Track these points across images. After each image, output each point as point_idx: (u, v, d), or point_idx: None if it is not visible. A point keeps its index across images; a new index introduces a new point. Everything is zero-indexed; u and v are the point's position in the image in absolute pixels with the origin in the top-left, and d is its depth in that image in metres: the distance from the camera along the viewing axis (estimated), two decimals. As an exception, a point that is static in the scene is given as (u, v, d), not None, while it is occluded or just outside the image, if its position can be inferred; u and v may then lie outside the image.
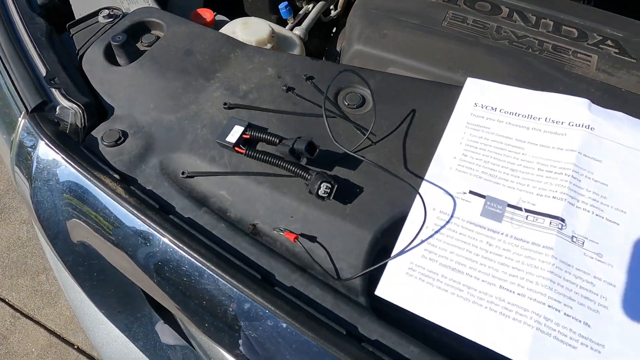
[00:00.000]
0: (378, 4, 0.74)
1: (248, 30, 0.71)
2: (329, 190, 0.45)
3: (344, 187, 0.49)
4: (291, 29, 0.95)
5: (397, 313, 0.43)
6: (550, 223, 0.43)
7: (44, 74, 0.57)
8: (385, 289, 0.43)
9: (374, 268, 0.44)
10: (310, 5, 1.02)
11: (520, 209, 0.45)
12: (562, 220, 0.43)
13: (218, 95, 0.58)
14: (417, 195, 0.47)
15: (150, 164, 0.52)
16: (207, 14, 0.85)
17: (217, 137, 0.52)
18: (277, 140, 0.49)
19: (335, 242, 0.47)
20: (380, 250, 0.48)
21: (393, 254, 0.45)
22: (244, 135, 0.51)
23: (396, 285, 0.43)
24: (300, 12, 1.00)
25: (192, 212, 0.48)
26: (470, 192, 0.47)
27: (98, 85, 0.60)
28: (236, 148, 0.51)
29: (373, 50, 0.68)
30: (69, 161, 0.49)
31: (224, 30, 0.77)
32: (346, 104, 0.58)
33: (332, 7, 1.06)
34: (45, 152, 0.51)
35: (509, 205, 0.46)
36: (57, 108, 0.55)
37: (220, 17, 0.89)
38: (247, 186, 0.51)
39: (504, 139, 0.51)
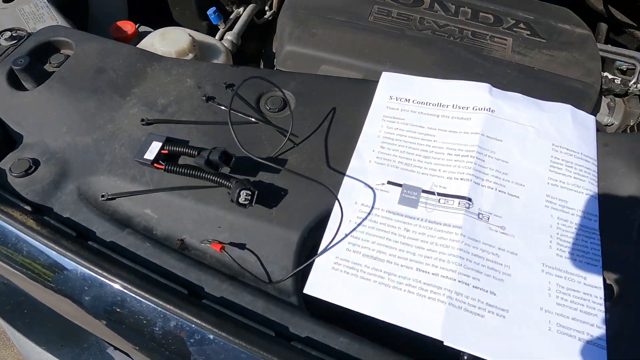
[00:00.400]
0: (306, 3, 0.75)
1: (166, 41, 0.70)
2: (249, 197, 0.45)
3: (268, 191, 0.50)
4: (222, 35, 0.94)
5: (331, 308, 0.45)
6: (459, 203, 0.46)
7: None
8: (314, 287, 0.44)
9: (302, 268, 0.46)
10: (241, 9, 1.01)
11: (433, 193, 0.48)
12: (469, 199, 0.47)
13: (135, 112, 0.57)
14: (338, 192, 0.49)
15: (67, 190, 0.50)
16: (128, 26, 0.82)
17: (135, 155, 0.51)
18: (196, 153, 0.49)
19: (264, 246, 0.48)
20: (310, 248, 0.49)
21: (319, 251, 0.46)
22: (162, 151, 0.50)
23: (323, 281, 0.44)
24: (231, 17, 0.99)
25: (115, 235, 0.47)
26: (389, 182, 0.50)
27: (3, 114, 0.56)
28: (155, 164, 0.50)
29: (304, 50, 0.70)
30: (-27, 199, 0.47)
31: (143, 43, 0.75)
32: (268, 108, 0.58)
33: (267, 7, 1.06)
34: (-53, 191, 0.48)
35: (424, 191, 0.49)
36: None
37: (144, 28, 0.86)
38: (171, 202, 0.51)
39: (417, 128, 0.54)
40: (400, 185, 0.49)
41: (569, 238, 0.44)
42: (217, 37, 0.93)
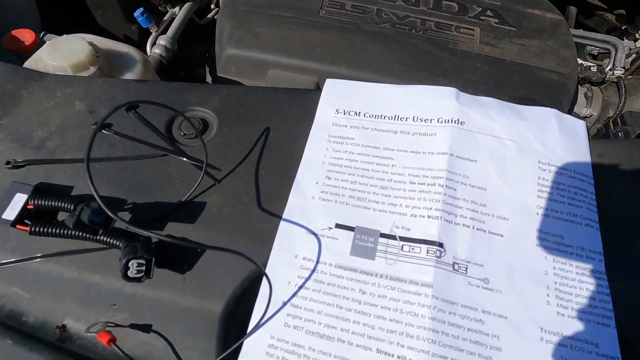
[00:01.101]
0: None
1: (58, 53, 0.55)
2: (143, 268, 0.33)
3: (179, 249, 0.38)
4: (155, 40, 0.80)
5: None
6: (428, 251, 0.35)
7: None
8: (240, 383, 0.32)
9: (226, 354, 0.34)
10: (177, 9, 0.88)
11: (394, 237, 0.37)
12: (440, 244, 0.36)
13: (1, 151, 0.43)
14: (273, 242, 0.37)
15: None
16: (27, 35, 0.67)
17: (-8, 214, 0.37)
18: (72, 206, 0.36)
19: (177, 326, 0.36)
20: (241, 322, 0.37)
21: (249, 330, 0.34)
22: (28, 206, 0.37)
23: (254, 374, 0.32)
24: (165, 18, 0.85)
25: (-42, 333, 0.34)
26: (337, 225, 0.38)
27: None
28: (18, 226, 0.36)
29: (248, 53, 0.59)
30: None
31: (33, 58, 0.60)
32: (182, 134, 0.46)
33: (212, 5, 0.93)
34: None
35: (382, 235, 0.37)
36: None
37: (51, 36, 0.71)
38: (48, 273, 0.37)
39: (371, 150, 0.43)
40: (352, 229, 0.38)
41: (570, 288, 0.34)
42: (148, 42, 0.80)
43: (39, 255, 0.37)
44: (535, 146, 0.41)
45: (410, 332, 0.32)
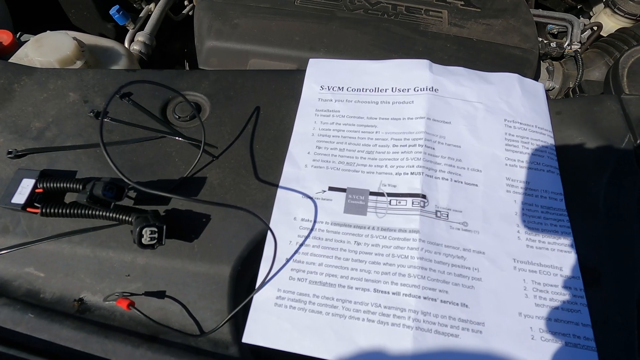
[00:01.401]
0: None
1: (44, 48, 0.56)
2: (155, 235, 0.35)
3: (185, 220, 0.41)
4: (133, 37, 0.81)
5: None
6: (413, 203, 0.40)
7: None
8: (254, 333, 0.35)
9: (239, 309, 0.37)
10: (152, 5, 0.88)
11: (382, 194, 0.41)
12: (424, 196, 0.40)
13: (0, 143, 0.44)
14: (272, 208, 0.40)
15: None
16: (4, 36, 0.67)
17: (0, 199, 0.39)
18: (80, 186, 0.38)
19: (190, 290, 0.39)
20: (249, 282, 0.40)
21: (257, 285, 0.38)
22: (36, 190, 0.39)
23: (266, 324, 0.36)
24: (141, 15, 0.86)
25: (-19, 312, 0.36)
26: (330, 188, 0.42)
27: None
28: (28, 209, 0.38)
29: (228, 44, 0.61)
30: None
31: (17, 55, 0.61)
32: (177, 116, 0.48)
33: (186, 1, 0.94)
34: None
35: (371, 193, 0.41)
36: None
37: (28, 36, 0.71)
38: (61, 252, 0.39)
39: (355, 120, 0.46)
40: (343, 190, 0.42)
41: (537, 224, 0.39)
42: (126, 40, 0.81)
43: (49, 235, 0.39)
44: (501, 107, 0.46)
45: (402, 272, 0.36)
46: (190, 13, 0.93)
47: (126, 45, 0.80)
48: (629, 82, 0.48)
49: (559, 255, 0.37)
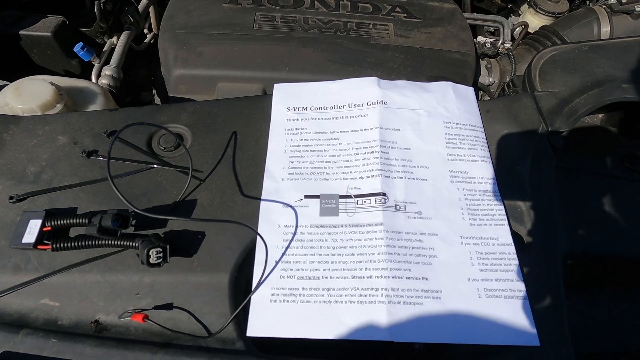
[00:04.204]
0: (184, 22, 0.70)
1: (24, 96, 0.60)
2: (161, 254, 0.41)
3: (183, 239, 0.46)
4: (99, 71, 0.84)
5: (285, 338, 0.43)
6: (376, 200, 0.47)
7: None
8: (256, 326, 0.42)
9: (240, 309, 0.43)
10: (114, 38, 0.91)
11: (350, 196, 0.49)
12: (384, 194, 0.48)
13: (0, 190, 0.48)
14: (258, 219, 0.47)
15: None
16: (-28, 84, 0.69)
17: (10, 242, 0.43)
18: (86, 220, 0.43)
19: (194, 299, 0.44)
20: (245, 285, 0.47)
21: (253, 286, 0.44)
22: (44, 229, 0.43)
23: (265, 318, 0.42)
24: (105, 49, 0.88)
25: (8, 343, 0.40)
26: (306, 196, 0.49)
27: None
28: (39, 247, 0.43)
29: (195, 72, 0.65)
30: None
31: (-6, 103, 0.64)
32: (162, 148, 0.53)
33: (145, 31, 0.97)
34: None
35: (341, 197, 0.49)
36: None
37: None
38: (72, 282, 0.44)
39: (320, 135, 0.54)
40: (317, 196, 0.49)
41: (476, 206, 0.48)
42: (93, 74, 0.83)
43: (60, 268, 0.44)
44: (440, 111, 0.55)
45: (373, 259, 0.44)
46: (152, 42, 0.97)
47: (93, 79, 0.83)
48: (540, 81, 0.58)
49: (495, 229, 0.46)
